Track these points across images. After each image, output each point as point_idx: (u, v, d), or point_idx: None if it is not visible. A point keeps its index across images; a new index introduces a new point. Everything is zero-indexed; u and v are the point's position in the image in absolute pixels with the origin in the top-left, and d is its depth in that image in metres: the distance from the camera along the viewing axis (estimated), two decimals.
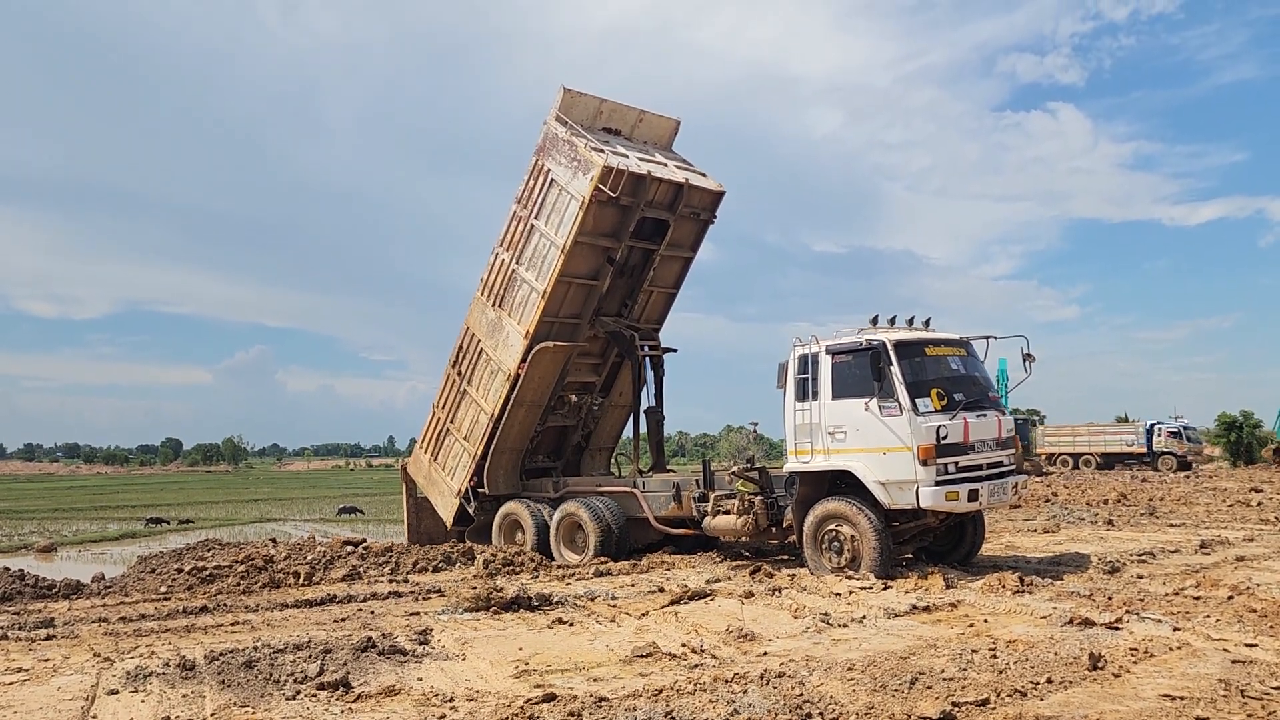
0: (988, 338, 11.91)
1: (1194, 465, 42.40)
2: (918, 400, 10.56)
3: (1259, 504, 20.66)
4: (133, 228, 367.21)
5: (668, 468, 16.42)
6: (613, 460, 17.45)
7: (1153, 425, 43.78)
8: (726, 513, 12.51)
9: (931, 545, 12.18)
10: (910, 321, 11.90)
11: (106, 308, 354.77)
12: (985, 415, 11.11)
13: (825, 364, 11.29)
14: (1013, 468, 11.69)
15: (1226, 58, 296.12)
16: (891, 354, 10.73)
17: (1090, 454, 44.21)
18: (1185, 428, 43.79)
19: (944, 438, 10.48)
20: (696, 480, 13.45)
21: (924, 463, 10.41)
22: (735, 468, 12.93)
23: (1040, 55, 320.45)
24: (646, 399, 15.69)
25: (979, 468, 10.90)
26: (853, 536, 10.82)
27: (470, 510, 15.54)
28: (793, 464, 11.60)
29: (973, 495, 10.62)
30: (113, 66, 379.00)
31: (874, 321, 11.71)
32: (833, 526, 11.05)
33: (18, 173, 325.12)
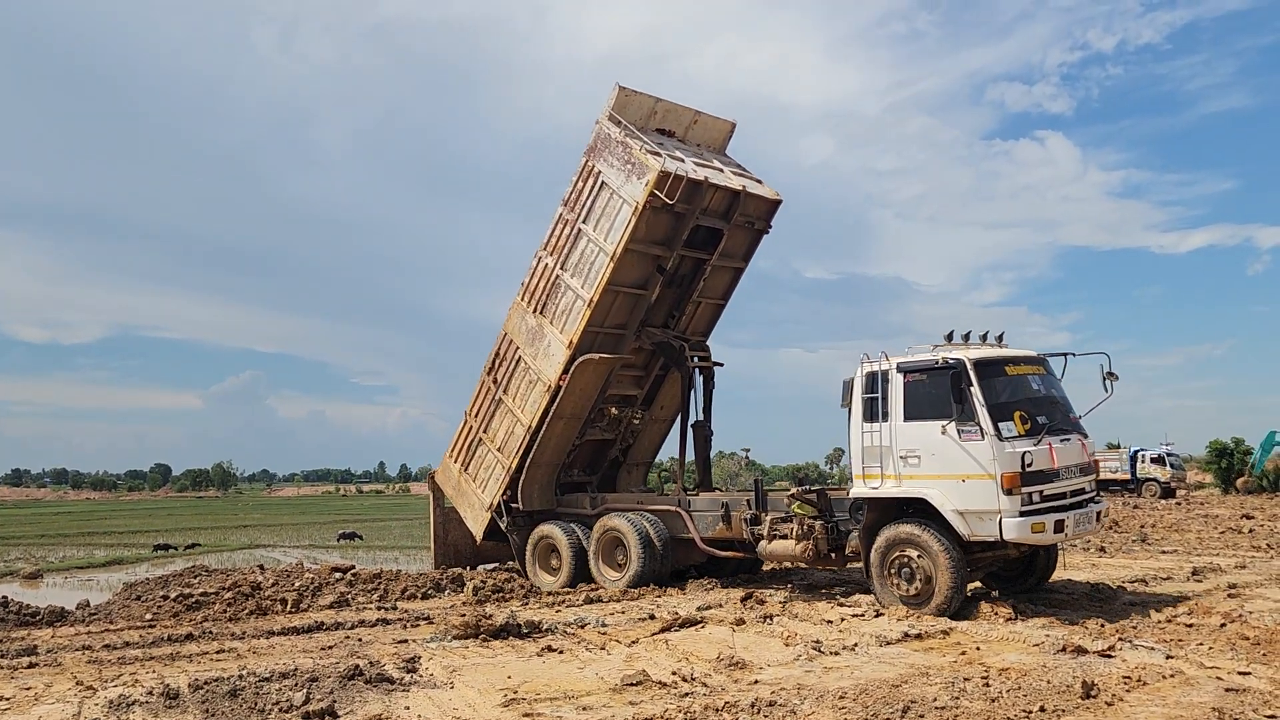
0: (1065, 355, 11.14)
1: (1178, 492, 42.33)
2: (1000, 424, 9.92)
3: (1250, 531, 20.65)
4: (124, 253, 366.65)
5: (714, 487, 15.73)
6: (650, 476, 16.89)
7: (1136, 452, 43.66)
8: (784, 537, 11.92)
9: (1001, 571, 11.59)
10: (984, 338, 11.22)
11: (97, 332, 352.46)
12: (1069, 439, 10.47)
13: (897, 383, 10.63)
14: (1094, 494, 11.10)
15: (1214, 87, 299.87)
16: (972, 374, 10.10)
17: None
18: (1169, 454, 43.63)
19: (1029, 465, 9.79)
20: (747, 501, 12.85)
21: (1008, 492, 9.71)
22: (794, 490, 12.41)
23: (1029, 84, 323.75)
24: (694, 413, 15.07)
25: (1063, 496, 10.24)
26: (926, 565, 10.13)
27: (502, 525, 14.93)
28: (860, 489, 10.91)
29: (1059, 526, 9.91)
30: (106, 93, 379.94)
31: (949, 338, 11.01)
32: (904, 552, 10.35)
33: (9, 198, 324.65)
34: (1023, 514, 9.78)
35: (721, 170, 14.22)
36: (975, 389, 10.05)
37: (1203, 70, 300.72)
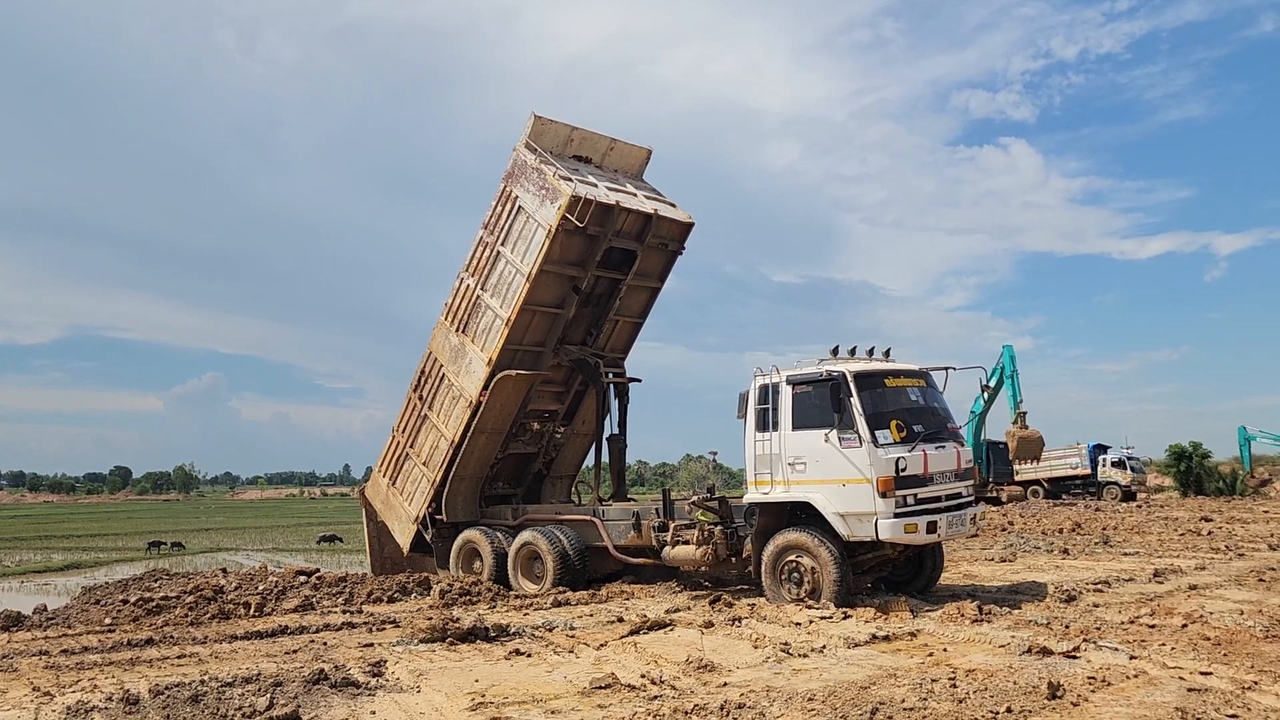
0: (947, 369, 11.97)
1: (1138, 495, 42.65)
2: (877, 432, 10.53)
3: (1209, 533, 20.98)
4: (84, 254, 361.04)
5: (629, 497, 16.34)
6: (573, 488, 17.32)
7: (1095, 446, 43.64)
8: (686, 542, 12.41)
9: (890, 575, 12.14)
10: (870, 352, 11.91)
11: (55, 333, 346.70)
12: (944, 447, 11.12)
13: (786, 394, 11.26)
14: (971, 499, 11.67)
15: (1171, 97, 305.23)
16: (851, 385, 10.72)
17: (1039, 480, 43.76)
18: (1130, 458, 43.88)
19: (903, 470, 10.44)
20: (656, 509, 13.33)
21: (883, 495, 10.35)
22: (695, 497, 12.86)
23: (992, 92, 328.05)
24: (609, 427, 15.60)
25: (938, 499, 10.87)
26: (813, 568, 10.75)
27: (427, 537, 15.31)
28: (752, 494, 11.52)
29: (931, 527, 10.55)
30: (65, 92, 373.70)
31: (834, 352, 11.68)
32: (793, 557, 10.98)
33: None
34: (897, 515, 10.43)
35: (635, 194, 14.75)
36: (854, 399, 10.68)
37: (1161, 80, 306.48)
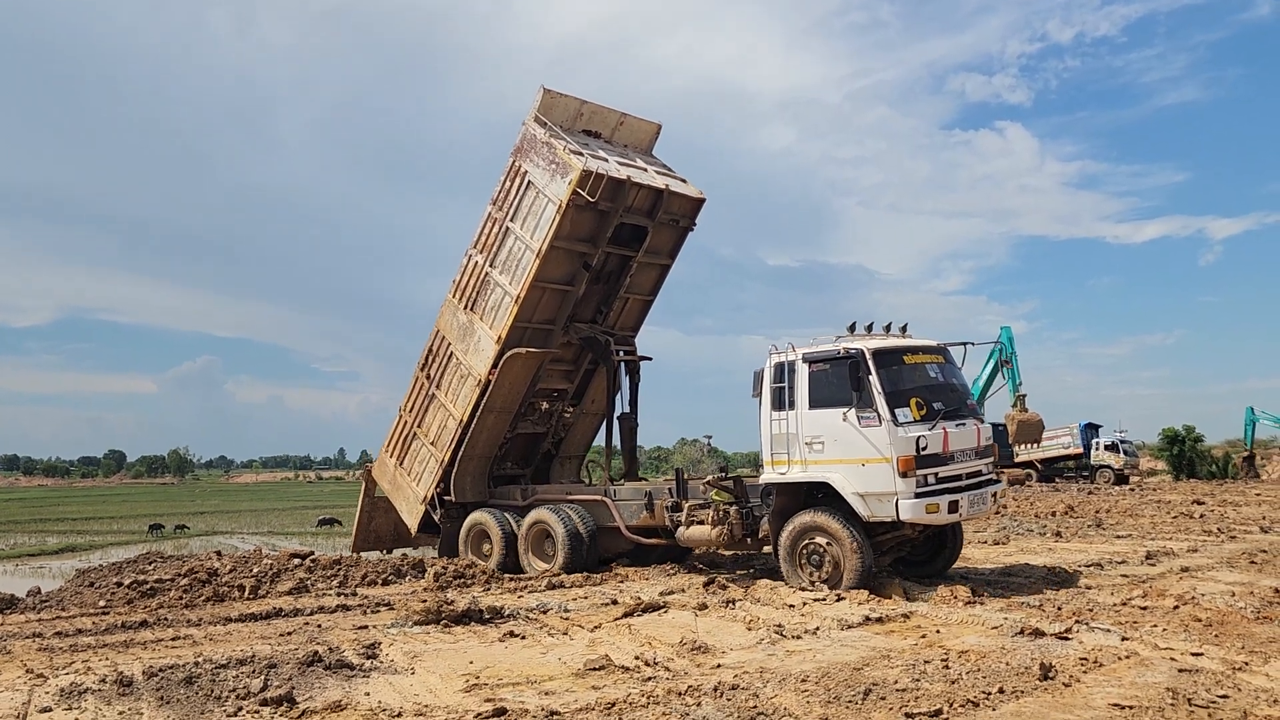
0: (965, 344, 11.62)
1: (1131, 478, 42.67)
2: (897, 410, 10.31)
3: (1201, 516, 21.05)
4: (79, 236, 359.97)
5: (639, 477, 16.17)
6: (583, 468, 17.21)
7: (1086, 426, 43.45)
8: (701, 523, 12.22)
9: (909, 555, 11.94)
10: (888, 328, 11.61)
11: (49, 315, 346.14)
12: (964, 424, 10.89)
13: (802, 373, 11.02)
14: (991, 476, 11.47)
15: (1167, 80, 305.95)
16: (870, 362, 10.48)
17: (1032, 463, 42.97)
18: (1122, 442, 43.81)
19: (924, 448, 10.23)
20: (669, 489, 13.15)
21: (904, 474, 10.13)
22: (710, 477, 12.66)
23: (988, 75, 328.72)
24: (620, 406, 15.43)
25: (959, 478, 10.67)
26: (834, 550, 10.55)
27: (436, 518, 15.20)
28: (769, 474, 11.27)
29: (953, 507, 10.35)
30: (61, 76, 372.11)
31: (851, 329, 11.38)
32: (813, 539, 10.76)
33: None
34: (918, 495, 10.22)
35: (645, 170, 14.54)
36: (873, 377, 10.45)
37: (1157, 64, 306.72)
